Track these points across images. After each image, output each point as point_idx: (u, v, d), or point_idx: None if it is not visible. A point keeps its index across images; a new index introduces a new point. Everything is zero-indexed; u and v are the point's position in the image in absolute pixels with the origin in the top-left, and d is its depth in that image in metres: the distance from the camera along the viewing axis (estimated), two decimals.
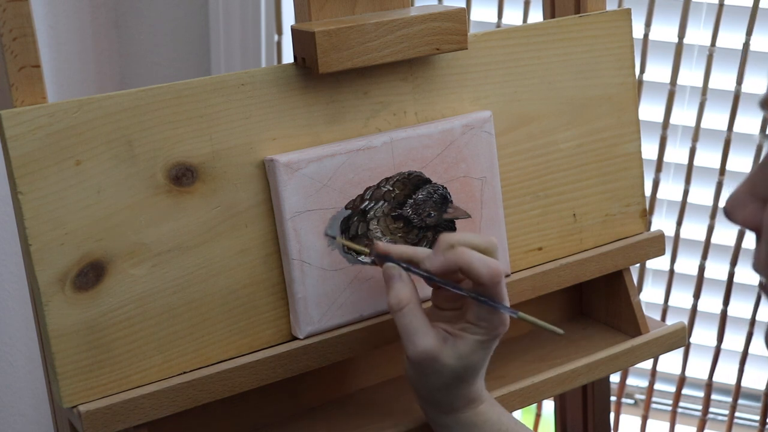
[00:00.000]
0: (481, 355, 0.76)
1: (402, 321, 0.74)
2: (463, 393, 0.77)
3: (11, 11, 0.67)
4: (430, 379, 0.76)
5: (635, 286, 0.98)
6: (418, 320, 0.74)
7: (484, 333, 0.75)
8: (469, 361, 0.75)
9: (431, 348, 0.74)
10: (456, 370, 0.75)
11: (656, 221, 1.49)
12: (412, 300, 0.75)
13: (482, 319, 0.75)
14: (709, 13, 1.40)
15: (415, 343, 0.74)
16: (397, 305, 0.75)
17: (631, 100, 0.95)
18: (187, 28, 1.52)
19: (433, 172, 0.83)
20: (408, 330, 0.74)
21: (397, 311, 0.75)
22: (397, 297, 0.75)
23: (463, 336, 0.75)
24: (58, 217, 0.70)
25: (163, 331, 0.75)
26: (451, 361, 0.75)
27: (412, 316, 0.74)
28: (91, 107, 0.71)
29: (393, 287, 0.75)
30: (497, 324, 0.75)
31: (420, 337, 0.74)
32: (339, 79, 0.80)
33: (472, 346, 0.75)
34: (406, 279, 0.76)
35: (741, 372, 1.45)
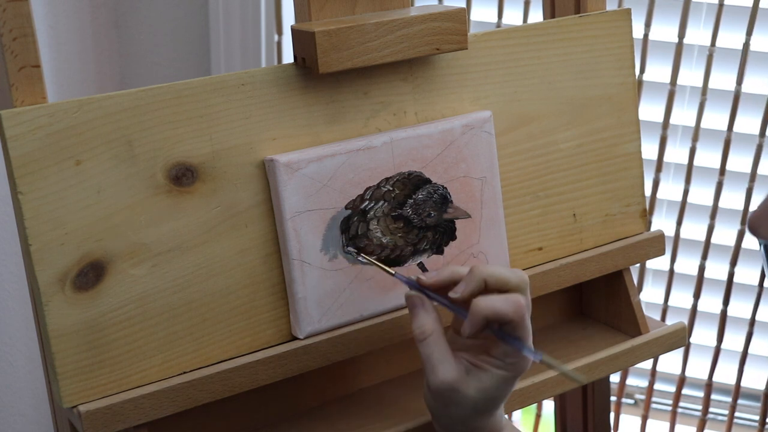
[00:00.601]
0: (503, 390, 0.75)
1: (425, 351, 0.74)
2: (482, 425, 0.77)
3: (11, 11, 0.67)
4: (451, 410, 0.75)
5: (635, 286, 0.98)
6: (441, 351, 0.74)
7: (508, 370, 0.75)
8: (491, 394, 0.75)
9: (453, 379, 0.74)
10: (477, 402, 0.74)
11: (656, 221, 1.49)
12: (435, 330, 0.74)
13: (508, 356, 0.74)
14: (709, 13, 1.40)
15: (437, 373, 0.74)
16: (421, 335, 0.74)
17: (631, 100, 0.95)
18: (187, 28, 1.52)
19: (433, 172, 0.83)
20: (431, 360, 0.74)
21: (421, 341, 0.74)
22: (422, 327, 0.74)
23: (487, 369, 0.74)
24: (58, 217, 0.70)
25: (163, 331, 0.75)
26: (472, 392, 0.74)
27: (435, 346, 0.74)
28: (91, 107, 0.71)
29: (417, 316, 0.75)
30: (522, 363, 0.75)
31: (442, 367, 0.74)
32: (339, 79, 0.80)
33: (496, 380, 0.74)
34: (429, 308, 0.75)
35: (741, 372, 1.45)
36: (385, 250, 0.82)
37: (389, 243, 0.82)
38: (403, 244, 0.82)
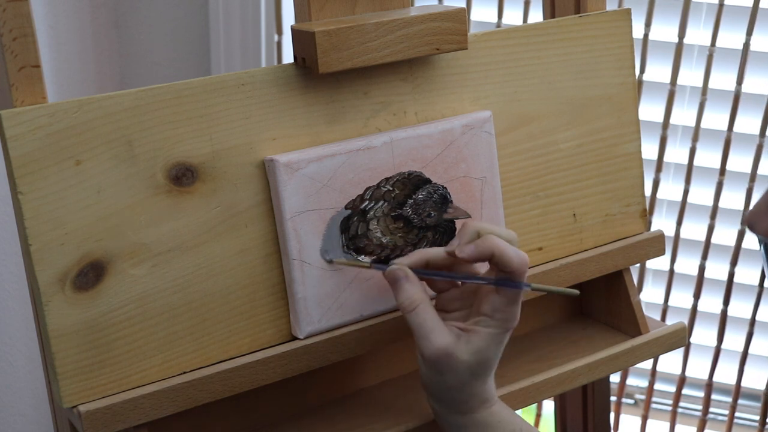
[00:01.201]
0: (494, 350, 0.76)
1: (415, 320, 0.75)
2: (477, 391, 0.78)
3: (11, 11, 0.67)
4: (446, 378, 0.76)
5: (635, 286, 0.98)
6: (432, 318, 0.75)
7: (498, 326, 0.76)
8: (484, 355, 0.76)
9: (447, 345, 0.75)
10: (471, 365, 0.76)
11: (656, 221, 1.49)
12: (424, 299, 0.75)
13: (497, 311, 0.75)
14: (709, 13, 1.40)
15: (430, 340, 0.74)
16: (410, 305, 0.75)
17: (631, 100, 0.95)
18: (187, 28, 1.52)
19: (433, 172, 0.83)
20: (423, 329, 0.75)
21: (411, 311, 0.75)
22: (409, 297, 0.75)
23: (477, 330, 0.76)
24: (58, 217, 0.70)
25: (163, 331, 0.75)
26: (466, 356, 0.75)
27: (425, 314, 0.75)
28: (91, 107, 0.71)
29: (402, 288, 0.76)
30: (511, 317, 0.76)
31: (435, 334, 0.75)
32: (339, 79, 0.80)
33: (486, 339, 0.75)
34: (413, 279, 0.76)
35: (741, 372, 1.45)
36: (385, 250, 0.82)
37: (389, 243, 0.82)
38: (403, 244, 0.82)
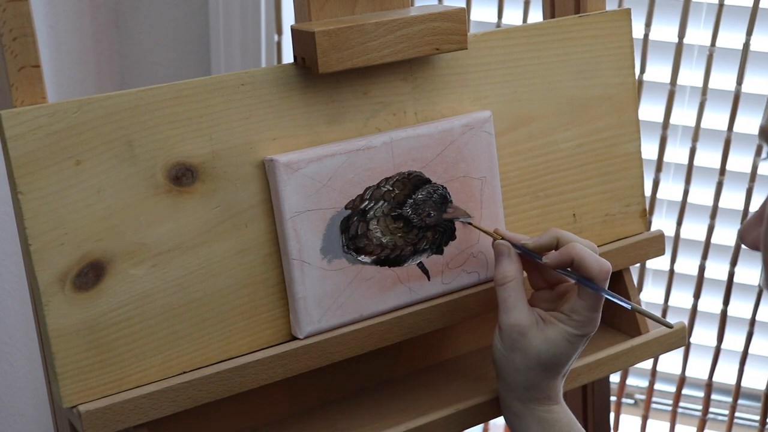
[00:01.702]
0: (566, 348, 0.79)
1: (503, 294, 0.79)
2: (541, 384, 0.80)
3: (11, 11, 0.67)
4: (515, 357, 0.79)
5: (635, 286, 0.98)
6: (518, 296, 0.79)
7: (574, 326, 0.79)
8: (555, 349, 0.79)
9: (523, 322, 0.78)
10: (540, 353, 0.79)
11: (656, 221, 1.49)
12: (517, 277, 0.80)
13: (575, 312, 0.79)
14: (709, 13, 1.40)
15: (510, 315, 0.79)
16: (502, 279, 0.80)
17: (631, 100, 0.95)
18: (187, 28, 1.52)
19: (432, 172, 0.83)
20: (507, 303, 0.79)
21: (502, 284, 0.79)
22: (504, 272, 0.80)
23: (554, 323, 0.79)
24: (58, 217, 0.70)
25: (163, 331, 0.75)
26: (537, 342, 0.79)
27: (513, 291, 0.79)
28: (91, 107, 0.71)
29: (501, 262, 0.80)
30: (588, 322, 0.79)
31: (516, 311, 0.79)
32: (339, 79, 0.80)
33: (561, 335, 0.79)
34: (515, 258, 0.81)
35: (741, 372, 1.45)
36: (385, 250, 0.82)
37: (389, 243, 0.82)
38: (403, 244, 0.82)
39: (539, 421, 0.81)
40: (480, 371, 0.93)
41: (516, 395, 0.81)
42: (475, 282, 0.86)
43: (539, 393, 0.81)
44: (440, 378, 0.92)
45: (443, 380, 0.92)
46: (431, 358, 0.95)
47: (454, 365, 0.94)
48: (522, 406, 0.81)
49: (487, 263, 0.87)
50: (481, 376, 0.92)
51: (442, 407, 0.85)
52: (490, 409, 0.87)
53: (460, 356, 0.96)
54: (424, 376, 0.92)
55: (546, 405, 0.81)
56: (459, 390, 0.89)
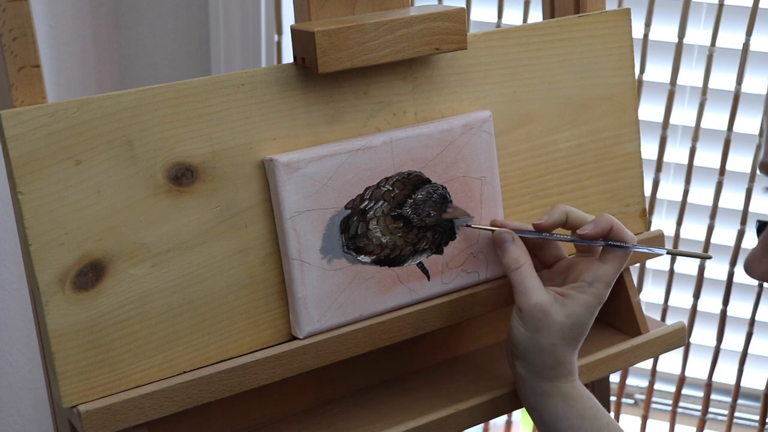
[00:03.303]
0: (587, 318, 0.82)
1: (518, 278, 0.81)
2: (565, 360, 0.82)
3: (11, 11, 0.67)
4: (539, 336, 0.81)
5: (635, 286, 0.98)
6: (534, 278, 0.81)
7: (594, 294, 0.81)
8: (577, 320, 0.81)
9: (544, 301, 0.80)
10: (564, 327, 0.81)
11: (656, 221, 1.49)
12: (528, 261, 0.82)
13: (598, 280, 0.82)
14: (709, 13, 1.40)
15: (530, 296, 0.80)
16: (515, 263, 0.81)
17: (631, 100, 0.95)
18: (187, 28, 1.52)
19: (432, 172, 0.83)
20: (524, 285, 0.81)
21: (515, 269, 0.81)
22: (514, 257, 0.82)
23: (574, 295, 0.81)
24: (58, 217, 0.70)
25: (163, 331, 0.75)
26: (560, 317, 0.80)
27: (528, 273, 0.81)
28: (91, 107, 0.71)
29: (508, 249, 0.82)
30: (607, 287, 0.82)
31: (534, 291, 0.80)
32: (339, 79, 0.80)
33: (582, 305, 0.81)
34: (520, 243, 0.83)
35: (741, 372, 1.45)
36: (385, 250, 0.82)
37: (389, 243, 0.82)
38: (403, 244, 0.82)
39: (566, 396, 0.82)
40: (480, 371, 0.93)
41: (542, 374, 0.82)
42: (475, 282, 0.86)
43: (563, 369, 0.82)
44: (440, 378, 0.92)
45: (443, 380, 0.92)
46: (431, 357, 0.95)
47: (455, 365, 0.94)
48: (548, 385, 0.83)
49: (487, 263, 0.87)
50: (481, 376, 0.92)
51: (442, 407, 0.85)
52: (490, 409, 0.87)
53: (461, 356, 0.96)
54: (425, 376, 0.92)
55: (569, 381, 0.83)
56: (459, 390, 0.89)
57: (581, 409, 0.82)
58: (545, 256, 0.87)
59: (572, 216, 0.83)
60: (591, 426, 0.82)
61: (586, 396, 0.83)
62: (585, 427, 0.82)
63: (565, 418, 0.82)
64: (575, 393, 0.83)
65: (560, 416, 0.82)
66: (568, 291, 0.82)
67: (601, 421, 0.82)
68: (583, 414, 0.82)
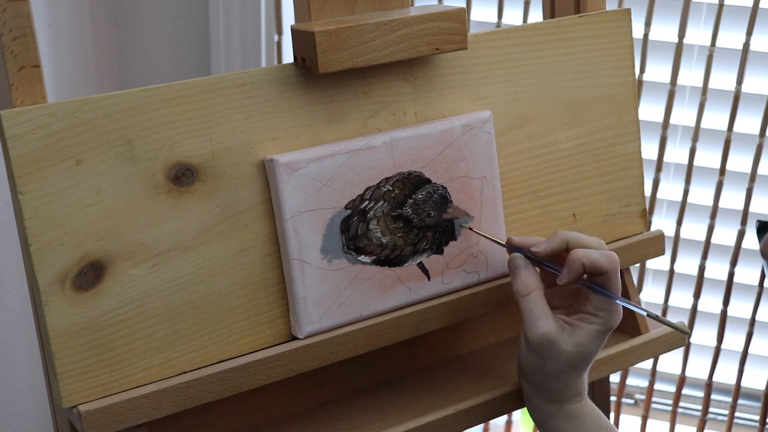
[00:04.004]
0: (595, 346, 0.81)
1: (527, 305, 0.80)
2: (572, 383, 0.82)
3: (11, 11, 0.67)
4: (547, 365, 0.80)
5: (635, 286, 0.98)
6: (542, 306, 0.80)
7: (601, 324, 0.80)
8: (585, 349, 0.80)
9: (551, 332, 0.79)
10: (572, 357, 0.80)
11: (656, 221, 1.49)
12: (538, 287, 0.81)
13: (601, 310, 0.80)
14: (709, 13, 1.40)
15: (537, 326, 0.79)
16: (524, 290, 0.80)
17: (631, 100, 0.95)
18: (187, 28, 1.52)
19: (432, 172, 0.83)
20: (532, 314, 0.80)
21: (524, 296, 0.80)
22: (524, 283, 0.81)
23: (581, 325, 0.81)
24: (58, 217, 0.70)
25: (163, 331, 0.75)
26: (568, 347, 0.80)
27: (536, 301, 0.80)
28: (91, 107, 0.71)
29: (519, 275, 0.81)
30: (614, 315, 0.81)
31: (542, 321, 0.79)
32: (339, 79, 0.80)
33: (590, 335, 0.80)
34: (531, 269, 0.82)
35: (741, 372, 1.45)
36: (385, 250, 0.82)
37: (389, 243, 0.82)
38: (403, 244, 0.82)
39: (572, 417, 0.82)
40: (480, 371, 0.93)
41: (548, 397, 0.82)
42: (475, 282, 0.86)
43: (570, 391, 0.82)
44: (440, 378, 0.92)
45: (444, 380, 0.92)
46: (431, 357, 0.95)
47: (455, 365, 0.94)
48: (554, 407, 0.83)
49: (487, 263, 0.87)
50: (481, 376, 0.92)
51: (442, 407, 0.85)
52: (490, 409, 0.87)
53: (461, 356, 0.96)
54: (425, 376, 0.92)
55: (577, 402, 0.83)
56: (459, 390, 0.89)
57: (588, 428, 0.82)
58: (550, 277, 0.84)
59: (572, 243, 0.81)
60: None
61: (594, 414, 0.83)
62: None
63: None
64: (582, 413, 0.83)
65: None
66: (575, 321, 0.81)
67: None
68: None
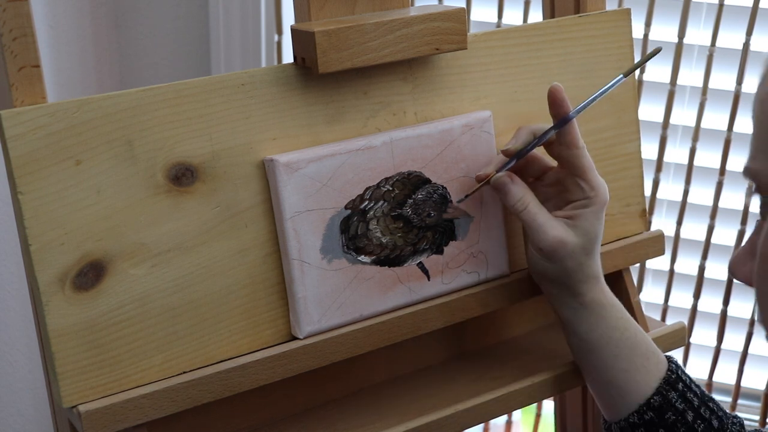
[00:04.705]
0: (598, 226, 0.83)
1: (528, 217, 0.82)
2: (591, 270, 0.84)
3: (11, 11, 0.67)
4: (565, 263, 0.83)
5: (635, 286, 0.98)
6: (543, 214, 0.82)
7: (595, 202, 0.83)
8: (591, 233, 0.83)
9: (560, 233, 0.82)
10: (584, 246, 0.83)
11: (656, 221, 1.49)
12: (532, 197, 0.82)
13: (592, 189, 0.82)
14: (709, 13, 1.40)
15: (545, 232, 0.82)
16: (521, 204, 0.82)
17: (631, 100, 0.95)
18: (187, 28, 1.52)
19: (432, 171, 0.83)
20: (536, 223, 0.82)
21: (522, 209, 0.82)
22: (518, 197, 0.82)
23: (579, 214, 0.83)
24: (58, 217, 0.70)
25: (163, 331, 0.75)
26: (578, 240, 0.82)
27: (536, 210, 0.82)
28: (91, 107, 0.71)
29: (509, 190, 0.82)
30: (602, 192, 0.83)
31: (548, 226, 0.82)
32: (339, 79, 0.80)
33: (589, 219, 0.83)
34: (519, 182, 0.83)
35: (741, 372, 1.45)
36: (385, 250, 0.82)
37: (389, 243, 0.82)
38: (403, 244, 0.82)
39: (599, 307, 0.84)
40: (480, 371, 0.93)
41: (574, 290, 0.84)
42: (475, 282, 0.86)
43: (591, 279, 0.84)
44: (440, 378, 0.92)
45: (443, 380, 0.92)
46: (431, 357, 0.95)
47: (454, 365, 0.94)
48: (583, 298, 0.84)
49: (487, 263, 0.87)
50: (481, 376, 0.92)
51: (442, 407, 0.85)
52: (490, 409, 0.87)
53: (461, 356, 0.96)
54: (424, 376, 0.92)
55: (597, 287, 0.84)
56: (459, 390, 0.89)
57: (613, 320, 0.84)
58: (531, 172, 0.86)
59: (537, 132, 0.83)
60: (621, 336, 0.84)
61: (617, 306, 0.85)
62: (615, 337, 0.84)
63: (597, 328, 0.84)
64: (607, 302, 0.85)
65: (593, 327, 0.84)
66: (571, 212, 0.83)
67: (630, 331, 0.85)
68: (614, 325, 0.84)
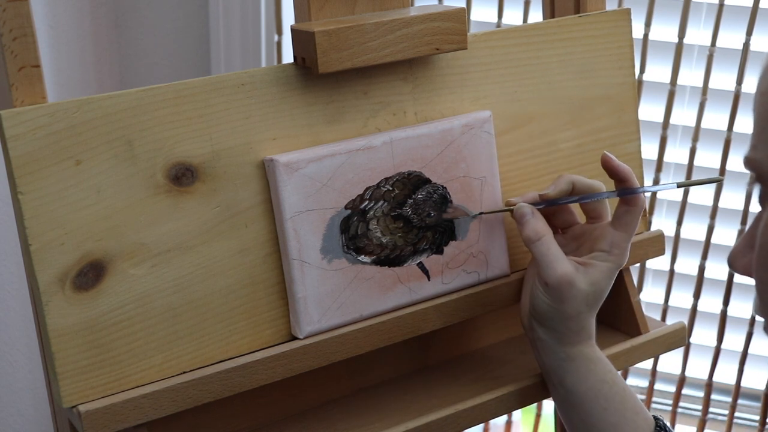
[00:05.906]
0: (607, 284, 0.84)
1: (540, 250, 0.82)
2: (587, 324, 0.84)
3: (11, 11, 0.67)
4: (565, 306, 0.82)
5: (635, 286, 0.98)
6: (556, 249, 0.82)
7: (614, 261, 0.83)
8: (599, 287, 0.83)
9: (569, 272, 0.81)
10: (588, 295, 0.82)
11: (656, 221, 1.49)
12: (548, 232, 0.82)
13: (615, 246, 0.83)
14: (709, 13, 1.40)
15: (554, 268, 0.81)
16: (536, 236, 0.82)
17: (631, 100, 0.95)
18: (187, 28, 1.52)
19: (432, 172, 0.83)
20: (547, 257, 0.81)
21: (536, 241, 0.82)
22: (534, 229, 0.82)
23: (595, 264, 0.83)
24: (58, 217, 0.70)
25: (163, 331, 0.75)
26: (584, 286, 0.82)
27: (549, 244, 0.82)
28: (91, 107, 0.71)
29: (527, 223, 0.82)
30: (625, 251, 0.84)
31: (558, 263, 0.81)
32: (339, 79, 0.80)
33: (603, 272, 0.83)
34: (538, 215, 0.83)
35: (741, 372, 1.45)
36: (385, 250, 0.82)
37: (389, 243, 0.82)
38: (403, 244, 0.82)
39: (587, 360, 0.84)
40: (480, 371, 0.93)
41: (566, 341, 0.84)
42: (475, 282, 0.86)
43: (585, 333, 0.84)
44: (440, 378, 0.92)
45: (443, 380, 0.92)
46: (431, 358, 0.95)
47: (455, 365, 0.94)
48: (571, 349, 0.84)
49: (487, 263, 0.87)
50: (481, 376, 0.92)
51: (442, 407, 0.85)
52: (490, 409, 0.87)
53: (461, 356, 0.96)
54: (425, 376, 0.92)
55: (590, 344, 0.85)
56: (459, 390, 0.89)
57: (601, 374, 0.84)
58: (557, 222, 0.87)
59: (579, 185, 0.84)
60: (610, 390, 0.84)
61: (604, 360, 0.85)
62: (604, 391, 0.84)
63: (585, 381, 0.84)
64: (595, 356, 0.85)
65: (582, 379, 0.84)
66: (588, 260, 0.83)
67: (619, 386, 0.85)
68: (603, 378, 0.84)
